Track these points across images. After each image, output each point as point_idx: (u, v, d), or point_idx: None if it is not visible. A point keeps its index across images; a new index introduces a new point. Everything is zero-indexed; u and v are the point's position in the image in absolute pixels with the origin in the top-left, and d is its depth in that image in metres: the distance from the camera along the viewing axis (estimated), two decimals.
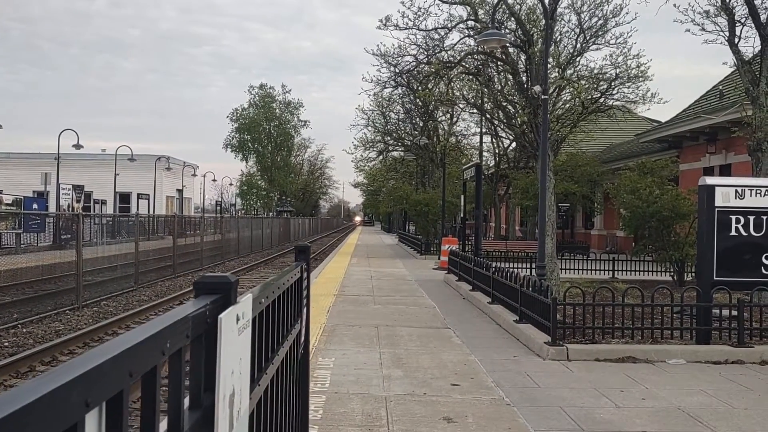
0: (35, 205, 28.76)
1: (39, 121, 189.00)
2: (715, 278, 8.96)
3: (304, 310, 3.75)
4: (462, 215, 25.75)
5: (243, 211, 76.46)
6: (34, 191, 41.60)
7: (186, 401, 1.61)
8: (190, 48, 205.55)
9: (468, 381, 7.11)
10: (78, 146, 38.10)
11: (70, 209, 32.83)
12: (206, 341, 1.65)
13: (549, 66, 13.73)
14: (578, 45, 16.42)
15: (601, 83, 16.44)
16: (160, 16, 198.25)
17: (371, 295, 14.61)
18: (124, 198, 51.42)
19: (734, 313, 8.91)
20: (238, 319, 1.80)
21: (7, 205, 26.00)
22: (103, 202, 48.31)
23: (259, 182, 79.64)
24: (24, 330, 12.62)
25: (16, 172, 50.30)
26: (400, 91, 32.44)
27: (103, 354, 1.10)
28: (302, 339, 3.77)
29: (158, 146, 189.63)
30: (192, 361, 1.64)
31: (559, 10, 15.43)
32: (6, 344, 11.43)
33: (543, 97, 12.35)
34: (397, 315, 11.72)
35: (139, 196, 50.98)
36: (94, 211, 43.55)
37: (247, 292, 2.01)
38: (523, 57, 16.39)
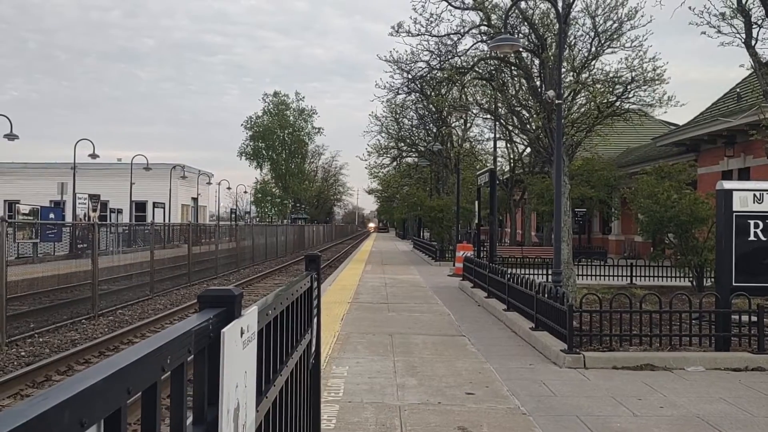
0: (52, 215, 29.01)
1: (55, 130, 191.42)
2: (734, 284, 8.83)
3: (315, 319, 3.72)
4: (477, 221, 25.62)
5: (257, 219, 76.70)
6: (51, 201, 41.96)
7: (189, 416, 1.59)
8: (204, 57, 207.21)
9: (483, 390, 7.04)
10: (94, 156, 38.47)
11: (87, 218, 33.09)
12: (209, 355, 1.63)
13: (563, 70, 13.64)
14: (593, 48, 16.28)
15: (617, 87, 16.28)
16: (174, 25, 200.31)
17: (385, 302, 14.55)
18: (139, 206, 51.76)
19: (754, 319, 8.77)
20: (242, 333, 1.76)
21: (24, 215, 26.25)
22: (119, 211, 48.71)
23: (274, 190, 79.96)
24: (40, 339, 12.70)
25: (33, 181, 50.88)
26: (414, 97, 32.52)
27: (99, 372, 1.08)
28: (313, 348, 3.73)
29: (173, 155, 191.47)
30: (195, 376, 1.61)
31: (572, 14, 15.33)
32: (23, 353, 11.50)
33: (557, 101, 12.27)
34: (412, 323, 11.66)
35: (155, 204, 51.30)
36: (110, 220, 43.89)
37: (253, 305, 1.97)
38: (536, 61, 16.30)
